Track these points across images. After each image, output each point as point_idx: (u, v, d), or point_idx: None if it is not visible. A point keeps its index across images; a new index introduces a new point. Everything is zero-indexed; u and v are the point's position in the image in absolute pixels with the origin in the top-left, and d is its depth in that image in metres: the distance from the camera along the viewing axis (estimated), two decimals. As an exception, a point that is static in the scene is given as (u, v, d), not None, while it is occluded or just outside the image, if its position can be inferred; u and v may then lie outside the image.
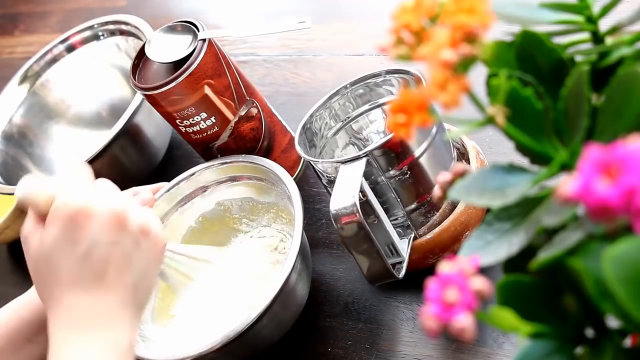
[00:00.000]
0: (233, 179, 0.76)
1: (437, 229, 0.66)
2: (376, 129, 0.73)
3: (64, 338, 0.51)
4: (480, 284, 0.31)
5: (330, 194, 0.61)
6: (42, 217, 0.53)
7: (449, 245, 0.66)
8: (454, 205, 0.66)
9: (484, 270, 0.32)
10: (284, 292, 0.63)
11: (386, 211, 0.65)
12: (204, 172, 0.76)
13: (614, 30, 0.39)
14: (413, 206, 0.65)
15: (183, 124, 0.73)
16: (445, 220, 0.66)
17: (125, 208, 0.54)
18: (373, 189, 0.64)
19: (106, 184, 0.55)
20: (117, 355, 0.51)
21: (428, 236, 0.66)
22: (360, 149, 0.73)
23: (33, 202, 0.53)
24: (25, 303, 0.62)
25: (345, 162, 0.62)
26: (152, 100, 0.71)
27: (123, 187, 0.59)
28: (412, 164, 0.63)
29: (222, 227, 0.78)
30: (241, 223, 0.78)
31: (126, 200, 0.55)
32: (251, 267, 0.74)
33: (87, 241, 0.51)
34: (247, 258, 0.75)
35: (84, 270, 0.51)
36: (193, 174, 0.76)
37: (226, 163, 0.75)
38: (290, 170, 0.80)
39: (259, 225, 0.77)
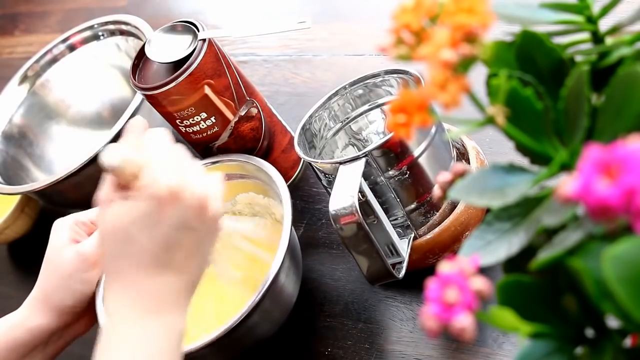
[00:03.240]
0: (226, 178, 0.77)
1: (437, 229, 0.66)
2: (375, 129, 0.73)
3: (126, 315, 0.50)
4: (480, 284, 0.31)
5: (330, 194, 0.61)
6: (121, 186, 0.51)
7: (449, 245, 0.66)
8: (454, 205, 0.66)
9: (484, 270, 0.32)
10: (272, 290, 0.63)
11: (386, 211, 0.65)
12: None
13: (614, 30, 0.39)
14: (413, 206, 0.65)
15: (183, 124, 0.73)
16: (445, 220, 0.66)
17: (208, 195, 0.53)
18: (372, 189, 0.64)
19: (189, 159, 0.54)
20: (174, 342, 0.51)
21: (428, 236, 0.66)
22: (359, 150, 0.73)
23: (121, 172, 0.51)
24: (18, 323, 0.60)
25: (345, 162, 0.62)
26: (152, 100, 0.71)
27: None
28: (412, 164, 0.63)
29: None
30: (233, 221, 0.78)
31: (209, 184, 0.53)
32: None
33: (168, 224, 0.50)
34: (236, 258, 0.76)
35: (159, 251, 0.50)
36: None
37: (217, 162, 0.75)
38: (290, 170, 0.80)
39: (250, 223, 0.77)
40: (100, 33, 0.97)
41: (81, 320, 0.61)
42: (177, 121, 0.72)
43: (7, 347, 0.59)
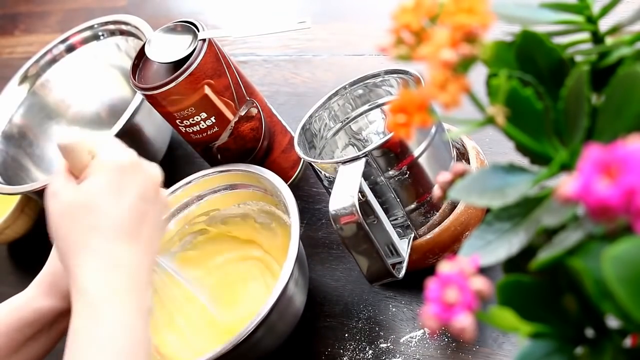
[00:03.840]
0: (229, 187, 0.76)
1: (437, 229, 0.66)
2: (375, 129, 0.73)
3: (100, 290, 0.50)
4: (480, 284, 0.30)
5: (330, 194, 0.61)
6: (75, 171, 0.54)
7: (449, 245, 0.66)
8: (454, 205, 0.66)
9: (484, 270, 0.32)
10: (281, 303, 0.62)
11: (386, 211, 0.65)
12: (200, 181, 0.76)
13: (614, 30, 0.39)
14: (413, 206, 0.65)
15: (183, 124, 0.73)
16: (445, 220, 0.66)
17: (158, 172, 0.57)
18: (372, 189, 0.64)
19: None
20: (145, 318, 0.51)
21: (428, 236, 0.66)
22: (359, 150, 0.73)
23: (76, 151, 0.53)
24: (23, 303, 0.61)
25: (345, 162, 0.62)
26: (152, 100, 0.71)
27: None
28: (412, 164, 0.63)
29: (217, 236, 0.78)
30: (237, 231, 0.78)
31: (154, 166, 0.57)
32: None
33: (133, 193, 0.53)
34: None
35: (127, 221, 0.52)
36: (189, 182, 0.76)
37: (222, 172, 0.75)
38: (290, 170, 0.80)
39: (254, 232, 0.77)
40: (100, 33, 0.97)
41: None
42: (177, 121, 0.72)
43: (12, 327, 0.60)
